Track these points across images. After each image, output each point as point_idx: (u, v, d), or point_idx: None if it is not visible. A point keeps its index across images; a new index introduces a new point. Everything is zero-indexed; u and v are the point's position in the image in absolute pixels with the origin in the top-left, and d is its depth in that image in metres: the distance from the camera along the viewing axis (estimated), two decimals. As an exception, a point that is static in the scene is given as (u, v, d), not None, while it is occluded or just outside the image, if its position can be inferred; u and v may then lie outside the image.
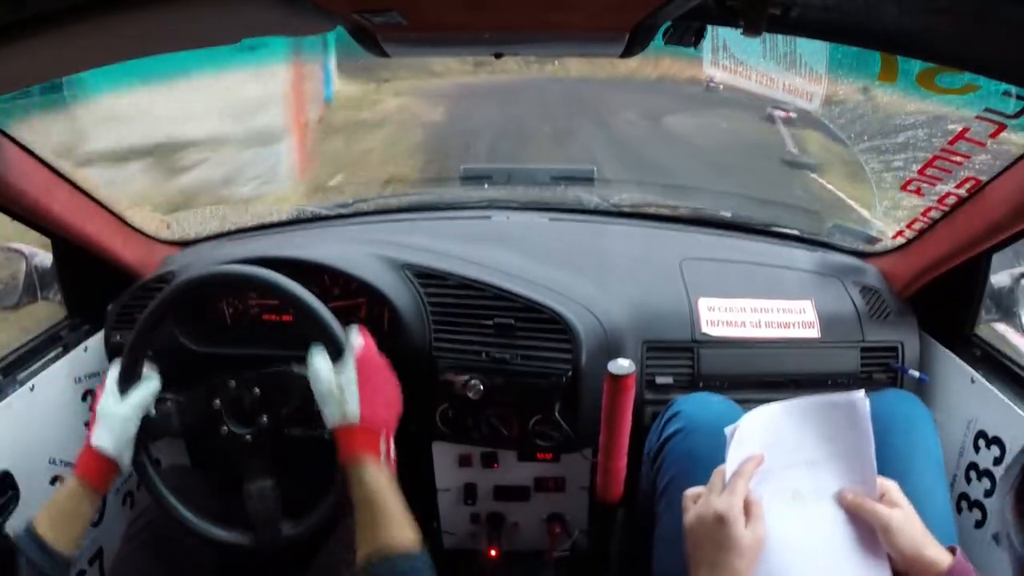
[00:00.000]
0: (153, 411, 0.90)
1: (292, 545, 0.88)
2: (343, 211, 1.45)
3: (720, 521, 0.66)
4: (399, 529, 0.72)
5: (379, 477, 0.75)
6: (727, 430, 0.74)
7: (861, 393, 0.71)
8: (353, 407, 0.77)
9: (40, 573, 0.79)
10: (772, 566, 0.68)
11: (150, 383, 0.90)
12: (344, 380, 0.79)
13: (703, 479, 0.73)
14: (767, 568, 0.68)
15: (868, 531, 0.69)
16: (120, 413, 0.87)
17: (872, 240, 1.28)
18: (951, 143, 0.92)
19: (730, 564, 0.65)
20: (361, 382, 0.79)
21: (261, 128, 7.06)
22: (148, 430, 0.89)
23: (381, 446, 0.77)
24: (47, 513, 0.83)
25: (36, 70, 0.69)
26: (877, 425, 0.72)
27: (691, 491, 0.73)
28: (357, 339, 0.82)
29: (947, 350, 1.10)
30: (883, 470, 0.73)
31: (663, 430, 0.94)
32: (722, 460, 0.73)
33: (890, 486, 0.71)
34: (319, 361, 0.80)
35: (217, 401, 0.90)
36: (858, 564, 0.69)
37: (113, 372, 0.90)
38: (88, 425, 0.88)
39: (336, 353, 0.81)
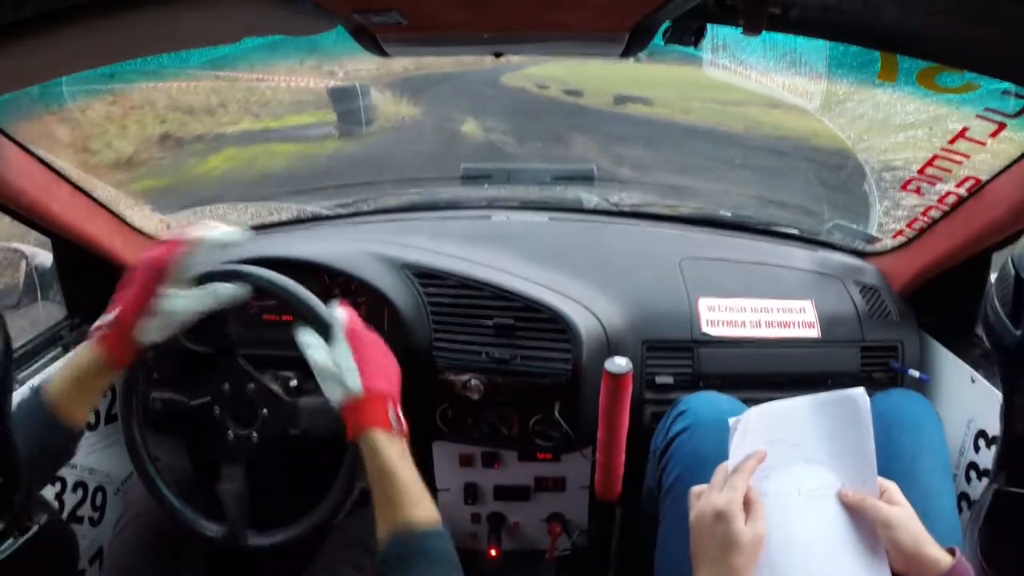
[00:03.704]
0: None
1: (291, 545, 0.89)
2: (343, 211, 1.46)
3: (719, 518, 0.66)
4: (417, 504, 0.70)
5: (391, 449, 0.72)
6: (731, 421, 0.74)
7: (861, 390, 0.71)
8: (354, 380, 0.74)
9: (41, 439, 0.75)
10: (774, 563, 0.68)
11: (235, 289, 0.82)
12: (339, 355, 0.76)
13: (709, 477, 0.73)
14: (769, 565, 0.68)
15: (868, 530, 0.69)
16: (182, 308, 0.80)
17: (872, 239, 1.28)
18: (951, 142, 0.92)
19: (730, 561, 0.65)
20: (356, 354, 0.76)
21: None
22: (149, 419, 0.90)
23: (391, 416, 0.75)
24: (61, 376, 0.78)
25: (36, 70, 0.69)
26: (885, 424, 0.71)
27: (696, 488, 0.73)
28: (341, 313, 0.80)
29: (947, 349, 1.10)
30: (891, 470, 0.73)
31: (670, 428, 0.94)
32: (727, 458, 0.73)
33: (890, 485, 0.71)
34: (309, 338, 0.78)
35: (217, 409, 0.90)
36: (858, 562, 0.69)
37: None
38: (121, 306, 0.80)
39: (324, 330, 0.79)
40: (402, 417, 0.76)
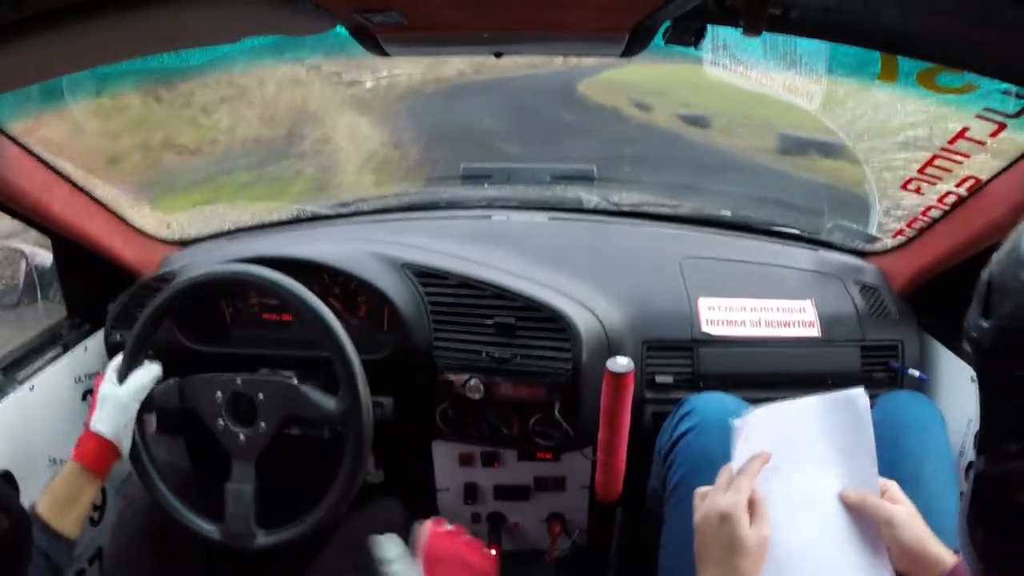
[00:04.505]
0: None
1: (291, 546, 0.89)
2: (343, 210, 1.46)
3: (724, 520, 0.66)
4: None
5: None
6: (734, 422, 0.74)
7: (860, 390, 0.71)
8: None
9: (42, 553, 0.79)
10: (778, 564, 0.68)
11: (150, 369, 0.91)
12: None
13: (715, 478, 0.72)
14: (773, 566, 0.68)
15: (870, 529, 0.69)
16: (119, 396, 0.88)
17: (872, 239, 1.28)
18: (951, 142, 0.92)
19: (735, 563, 0.65)
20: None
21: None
22: (147, 401, 0.91)
23: None
24: (48, 496, 0.84)
25: (36, 70, 0.69)
26: (890, 426, 0.71)
27: (700, 490, 0.73)
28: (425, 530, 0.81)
29: (947, 349, 1.10)
30: (897, 472, 0.73)
31: (675, 428, 0.94)
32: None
33: (891, 484, 0.71)
34: (391, 554, 0.78)
35: (219, 393, 0.90)
36: (860, 562, 0.69)
37: (114, 361, 0.91)
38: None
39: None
40: None
